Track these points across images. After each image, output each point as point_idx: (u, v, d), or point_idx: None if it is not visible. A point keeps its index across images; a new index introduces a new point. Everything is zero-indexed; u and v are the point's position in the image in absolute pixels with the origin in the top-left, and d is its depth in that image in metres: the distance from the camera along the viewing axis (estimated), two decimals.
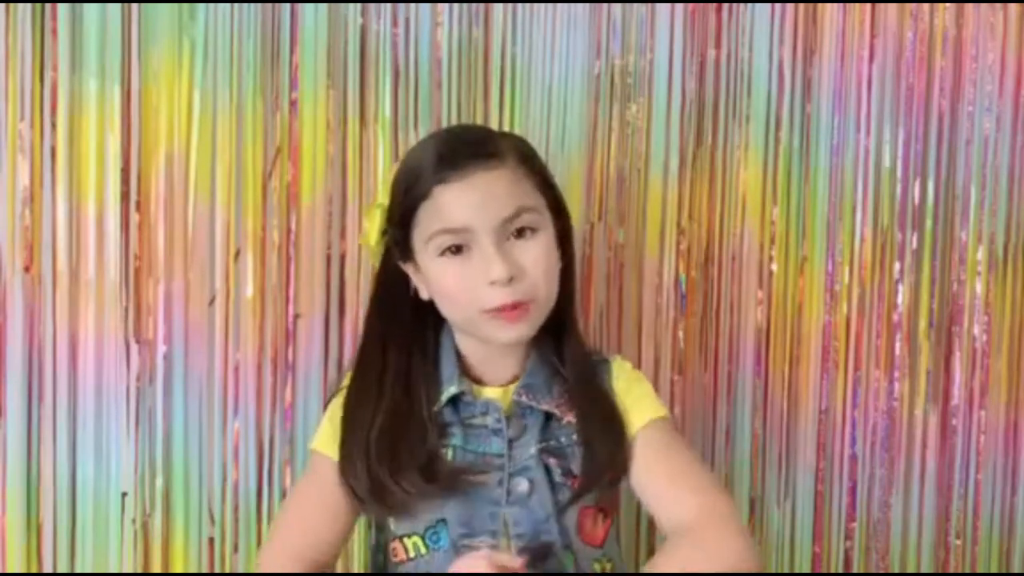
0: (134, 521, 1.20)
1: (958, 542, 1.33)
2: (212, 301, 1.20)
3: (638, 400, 1.01)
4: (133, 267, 1.19)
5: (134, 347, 1.19)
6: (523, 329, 0.96)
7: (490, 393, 1.00)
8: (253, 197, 1.20)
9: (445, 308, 0.98)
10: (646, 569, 0.91)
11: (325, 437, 1.00)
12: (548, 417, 0.98)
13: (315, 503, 0.99)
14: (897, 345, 1.30)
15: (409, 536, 0.97)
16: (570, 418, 0.98)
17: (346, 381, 1.02)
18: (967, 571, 1.33)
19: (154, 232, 1.19)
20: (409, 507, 0.96)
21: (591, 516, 0.98)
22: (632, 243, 1.26)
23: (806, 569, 1.30)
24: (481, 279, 0.93)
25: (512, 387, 1.00)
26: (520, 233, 0.95)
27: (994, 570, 1.33)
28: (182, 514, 1.20)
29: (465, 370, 1.00)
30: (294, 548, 0.97)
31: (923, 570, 1.32)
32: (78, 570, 1.19)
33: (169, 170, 1.19)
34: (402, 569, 0.98)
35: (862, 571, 1.31)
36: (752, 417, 1.29)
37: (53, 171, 1.17)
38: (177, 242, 1.19)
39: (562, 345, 1.01)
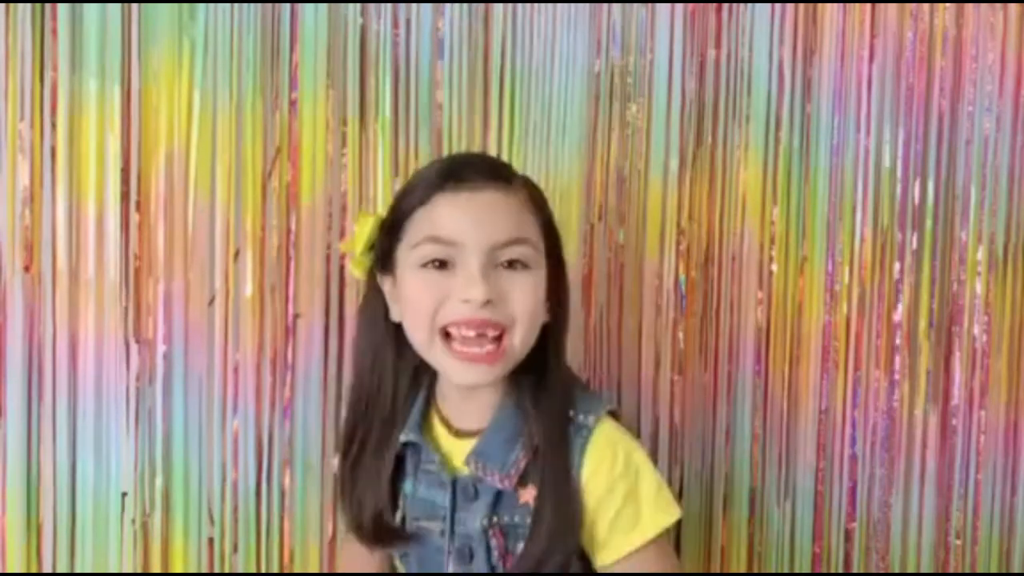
0: (134, 521, 1.20)
1: (958, 542, 1.33)
2: (212, 301, 1.20)
3: (620, 520, 0.89)
4: (133, 267, 1.19)
5: (134, 347, 1.19)
6: (482, 374, 0.88)
7: (448, 444, 0.95)
8: (253, 197, 1.20)
9: (408, 325, 0.91)
10: None
11: None
12: (500, 492, 0.91)
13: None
14: (897, 345, 1.30)
15: (401, 556, 1.01)
16: (527, 498, 0.90)
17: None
18: (967, 571, 1.33)
19: (154, 232, 1.19)
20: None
21: None
22: (632, 243, 1.26)
23: (806, 569, 1.30)
24: (455, 295, 0.87)
25: (471, 440, 0.92)
26: (511, 265, 0.89)
27: (994, 570, 1.33)
28: (182, 514, 1.20)
29: (435, 409, 0.97)
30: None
31: (923, 570, 1.32)
32: (78, 570, 1.19)
33: (169, 170, 1.19)
34: None
35: (862, 571, 1.31)
36: (752, 417, 1.29)
37: (53, 171, 1.17)
38: (177, 242, 1.19)
39: (535, 397, 0.91)
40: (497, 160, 1.00)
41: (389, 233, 0.93)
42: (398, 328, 0.94)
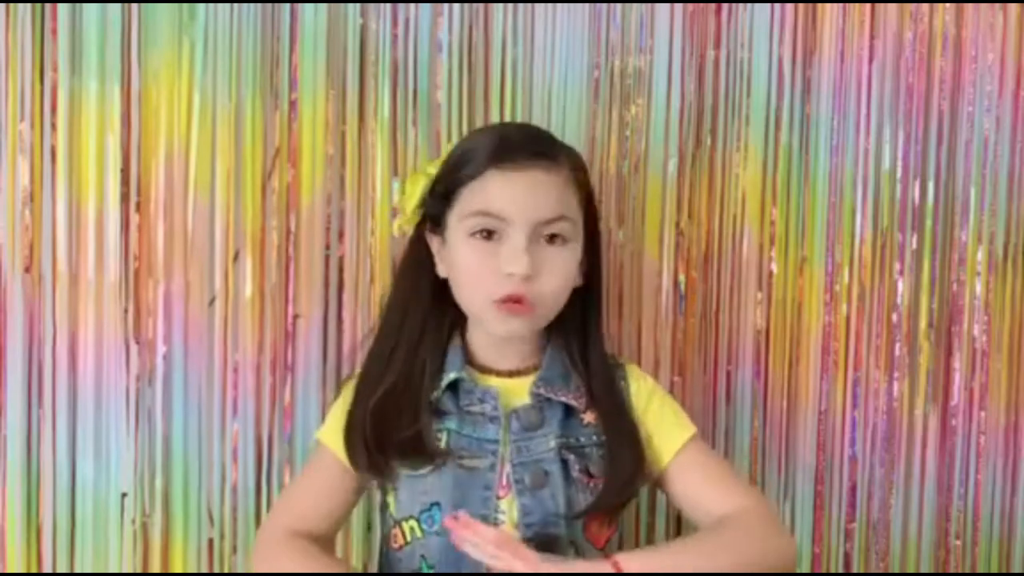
0: (133, 521, 1.20)
1: (958, 542, 1.33)
2: (212, 301, 1.20)
3: (665, 421, 1.04)
4: (133, 267, 1.19)
5: (134, 347, 1.19)
6: (518, 325, 0.97)
7: (494, 381, 1.01)
8: (253, 197, 1.20)
9: (459, 289, 1.00)
10: (691, 540, 0.96)
11: (330, 428, 1.03)
12: (567, 412, 1.00)
13: (315, 489, 1.03)
14: (897, 345, 1.30)
15: (407, 520, 0.99)
16: (590, 419, 1.00)
17: (359, 368, 1.06)
18: (967, 571, 1.33)
19: (154, 232, 1.19)
20: (398, 479, 0.99)
21: (599, 519, 1.00)
22: (632, 243, 1.26)
23: (806, 569, 1.30)
24: (502, 268, 0.95)
25: (524, 378, 1.01)
26: (552, 239, 0.97)
27: (994, 570, 1.33)
28: (181, 514, 1.20)
29: (470, 356, 1.02)
30: (291, 524, 1.00)
31: (923, 570, 1.32)
32: (78, 570, 1.19)
33: (169, 170, 1.19)
34: (400, 555, 1.00)
35: (862, 571, 1.31)
36: (752, 417, 1.29)
37: (53, 171, 1.17)
38: (177, 242, 1.19)
39: (583, 349, 1.03)
40: (544, 135, 1.04)
41: (442, 198, 1.00)
42: (439, 281, 1.02)
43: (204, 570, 1.21)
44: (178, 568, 1.20)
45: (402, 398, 0.99)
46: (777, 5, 1.26)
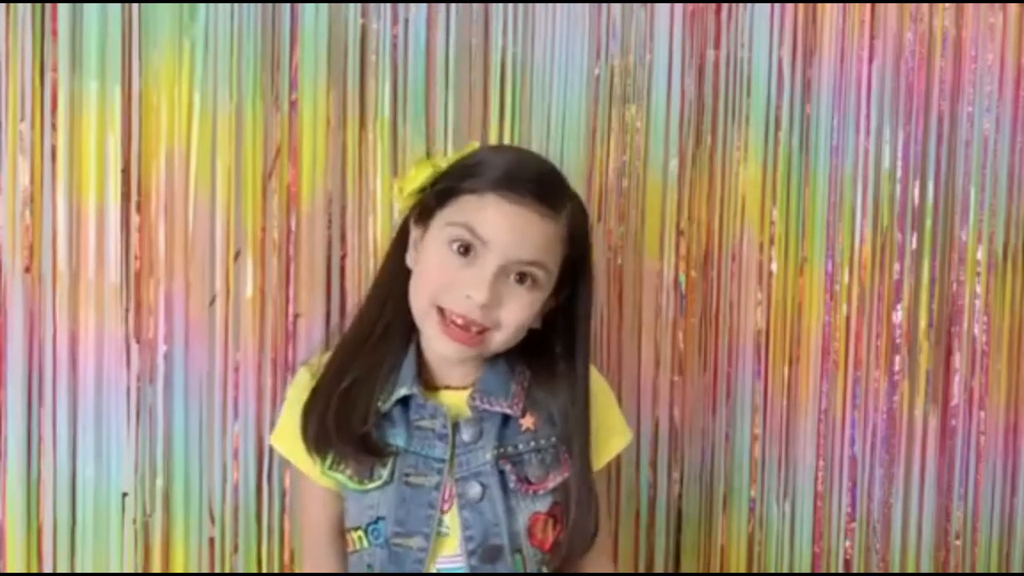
0: (134, 521, 1.20)
1: (958, 542, 1.33)
2: (212, 301, 1.20)
3: (609, 425, 1.05)
4: (133, 267, 1.19)
5: (134, 347, 1.19)
6: (452, 350, 0.96)
7: (444, 397, 1.00)
8: (253, 197, 1.20)
9: (415, 287, 0.98)
10: None
11: (284, 429, 1.04)
12: (505, 420, 0.99)
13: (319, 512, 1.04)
14: (897, 345, 1.30)
15: (355, 529, 1.00)
16: (528, 424, 1.00)
17: (314, 358, 1.05)
18: (967, 571, 1.33)
19: (154, 232, 1.19)
20: (345, 465, 0.98)
21: (542, 522, 0.99)
22: (632, 244, 1.26)
23: (806, 569, 1.30)
24: (462, 286, 0.94)
25: (467, 392, 1.00)
26: (521, 279, 0.96)
27: (994, 570, 1.33)
28: (182, 514, 1.20)
29: (424, 369, 1.01)
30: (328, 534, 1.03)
31: (923, 570, 1.32)
32: (78, 570, 1.19)
33: (169, 170, 1.19)
34: (353, 559, 1.01)
35: (862, 571, 1.31)
36: (752, 418, 1.29)
37: (53, 171, 1.17)
38: (177, 242, 1.19)
39: (562, 385, 1.01)
40: (557, 179, 1.00)
41: (439, 197, 0.98)
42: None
43: (205, 570, 1.21)
44: (179, 568, 1.20)
45: (363, 389, 0.99)
46: (777, 5, 1.26)
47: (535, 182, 0.96)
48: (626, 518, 1.27)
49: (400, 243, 1.03)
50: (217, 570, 1.21)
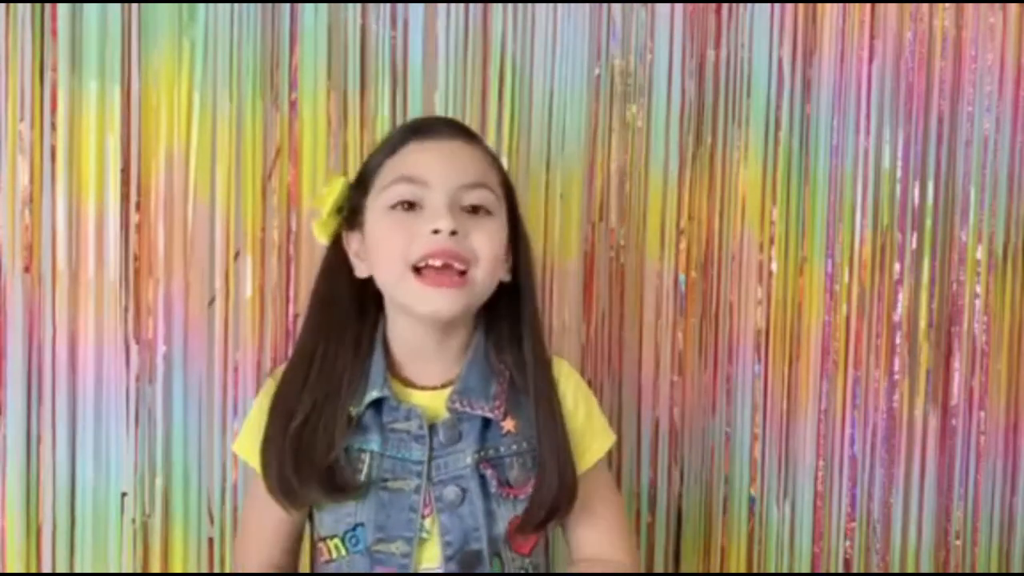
0: (133, 521, 1.20)
1: (958, 542, 1.33)
2: (212, 301, 1.20)
3: (591, 426, 1.01)
4: (133, 267, 1.19)
5: (134, 347, 1.19)
6: (443, 302, 0.92)
7: (418, 398, 0.97)
8: (253, 198, 1.20)
9: (378, 268, 0.95)
10: None
11: (245, 437, 1.01)
12: (486, 423, 0.96)
13: (262, 513, 0.99)
14: (897, 345, 1.30)
15: (331, 538, 0.97)
16: (509, 427, 0.97)
17: (280, 368, 1.02)
18: (967, 571, 1.33)
19: (154, 232, 1.19)
20: (321, 508, 0.96)
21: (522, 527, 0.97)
22: (632, 243, 1.26)
23: (806, 569, 1.30)
24: (423, 229, 0.91)
25: (445, 391, 0.97)
26: (475, 211, 0.94)
27: (994, 570, 1.33)
28: (181, 514, 1.20)
29: (395, 371, 0.98)
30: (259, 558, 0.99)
31: (923, 570, 1.32)
32: (78, 570, 1.19)
33: (169, 170, 1.19)
34: (327, 569, 0.97)
35: (862, 571, 1.31)
36: (752, 417, 1.29)
37: (53, 171, 1.17)
38: (177, 242, 1.19)
39: (515, 349, 0.98)
40: (461, 123, 1.04)
41: (358, 188, 0.98)
42: (360, 289, 0.98)
43: (204, 570, 1.21)
44: (178, 568, 1.20)
45: (321, 419, 0.94)
46: (777, 5, 1.26)
47: (443, 122, 1.00)
48: (626, 518, 1.27)
49: (328, 264, 1.01)
50: (216, 570, 1.21)
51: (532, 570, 0.99)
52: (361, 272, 0.98)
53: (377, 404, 0.96)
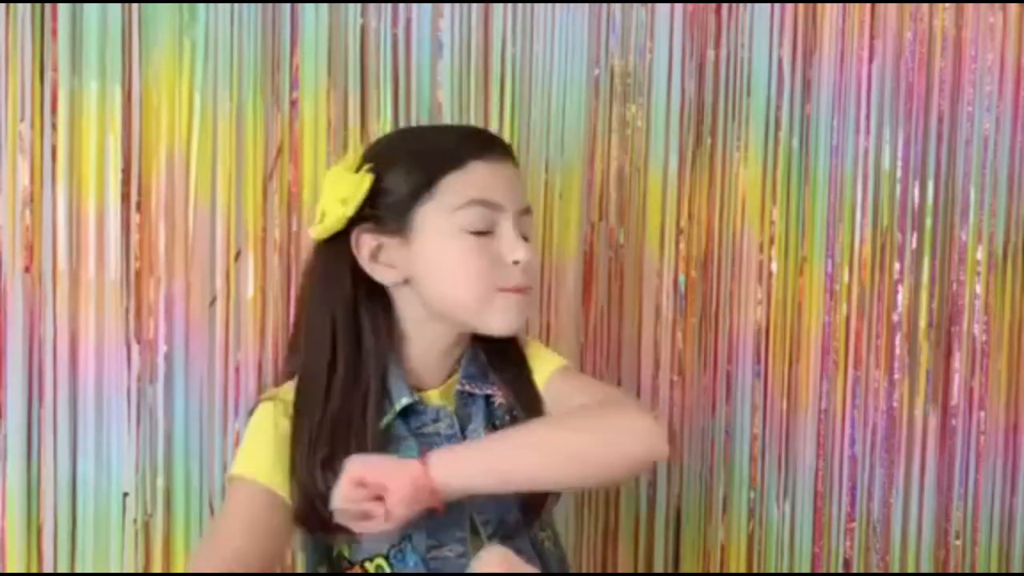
0: (135, 521, 1.20)
1: (958, 542, 1.33)
2: (213, 301, 1.20)
3: (535, 360, 1.01)
4: (134, 267, 1.19)
5: (135, 347, 1.19)
6: (520, 319, 0.97)
7: (435, 398, 0.97)
8: (254, 198, 1.20)
9: (447, 288, 0.93)
10: (523, 428, 0.91)
11: (253, 460, 0.92)
12: (488, 401, 0.98)
13: (245, 528, 0.89)
14: (897, 345, 1.30)
15: (371, 559, 0.92)
16: (501, 399, 0.98)
17: (265, 394, 0.98)
18: (967, 571, 1.33)
19: (155, 232, 1.19)
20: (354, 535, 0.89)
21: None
22: (632, 243, 1.26)
23: (806, 569, 1.30)
24: (503, 256, 0.94)
25: (448, 384, 0.98)
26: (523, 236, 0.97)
27: (994, 570, 1.33)
28: (183, 514, 1.20)
29: (409, 376, 0.96)
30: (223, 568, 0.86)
31: (923, 570, 1.32)
32: (78, 570, 1.19)
33: (170, 171, 1.19)
34: None
35: (862, 571, 1.31)
36: (752, 417, 1.29)
37: (53, 171, 1.17)
38: (178, 242, 1.19)
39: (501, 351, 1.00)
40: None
41: (411, 195, 0.93)
42: (367, 293, 0.95)
43: None
44: (180, 568, 1.20)
45: (347, 436, 0.90)
46: (777, 5, 1.26)
47: (498, 141, 0.99)
48: (626, 518, 1.27)
49: (334, 273, 0.95)
50: None
51: (551, 531, 1.00)
52: (387, 278, 0.95)
53: (403, 413, 0.94)
